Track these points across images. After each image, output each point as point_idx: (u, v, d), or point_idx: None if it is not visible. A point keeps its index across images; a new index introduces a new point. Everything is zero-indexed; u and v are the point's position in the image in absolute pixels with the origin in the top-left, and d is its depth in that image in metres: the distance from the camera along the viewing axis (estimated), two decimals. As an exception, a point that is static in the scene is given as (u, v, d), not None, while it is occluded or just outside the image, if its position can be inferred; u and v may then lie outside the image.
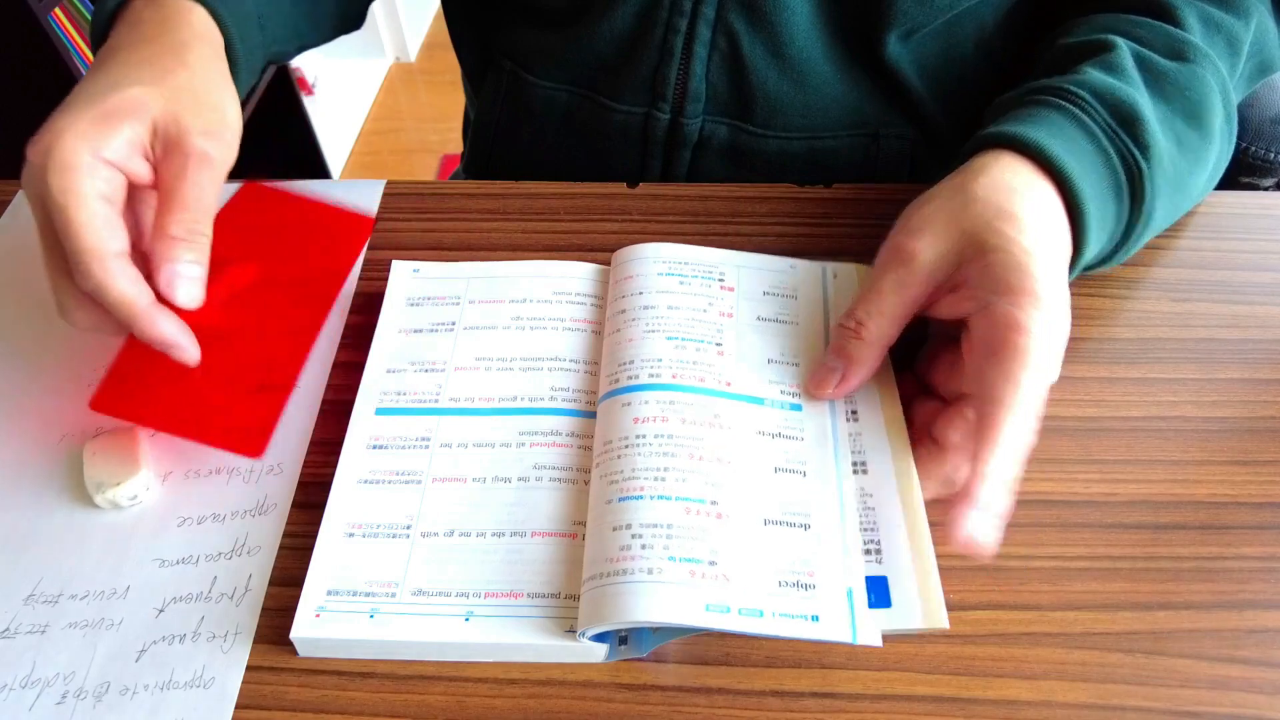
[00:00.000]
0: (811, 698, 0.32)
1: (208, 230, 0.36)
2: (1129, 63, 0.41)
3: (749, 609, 0.31)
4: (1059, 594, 0.35)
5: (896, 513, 0.34)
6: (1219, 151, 0.43)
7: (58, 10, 1.11)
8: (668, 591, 0.31)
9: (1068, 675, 0.33)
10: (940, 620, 0.31)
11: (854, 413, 0.38)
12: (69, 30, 1.14)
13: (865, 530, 0.34)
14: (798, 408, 0.38)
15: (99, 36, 0.41)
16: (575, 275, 0.44)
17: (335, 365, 0.43)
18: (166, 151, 0.35)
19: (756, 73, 0.50)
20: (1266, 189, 0.96)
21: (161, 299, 0.35)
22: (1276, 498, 0.38)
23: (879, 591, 0.32)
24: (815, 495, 0.35)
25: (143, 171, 0.36)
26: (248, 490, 0.38)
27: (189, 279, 0.35)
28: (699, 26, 0.49)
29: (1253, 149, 0.93)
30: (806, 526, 0.34)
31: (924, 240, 0.35)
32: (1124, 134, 0.38)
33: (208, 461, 0.39)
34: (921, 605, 0.32)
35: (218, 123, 0.37)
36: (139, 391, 0.38)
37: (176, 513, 0.37)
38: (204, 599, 0.35)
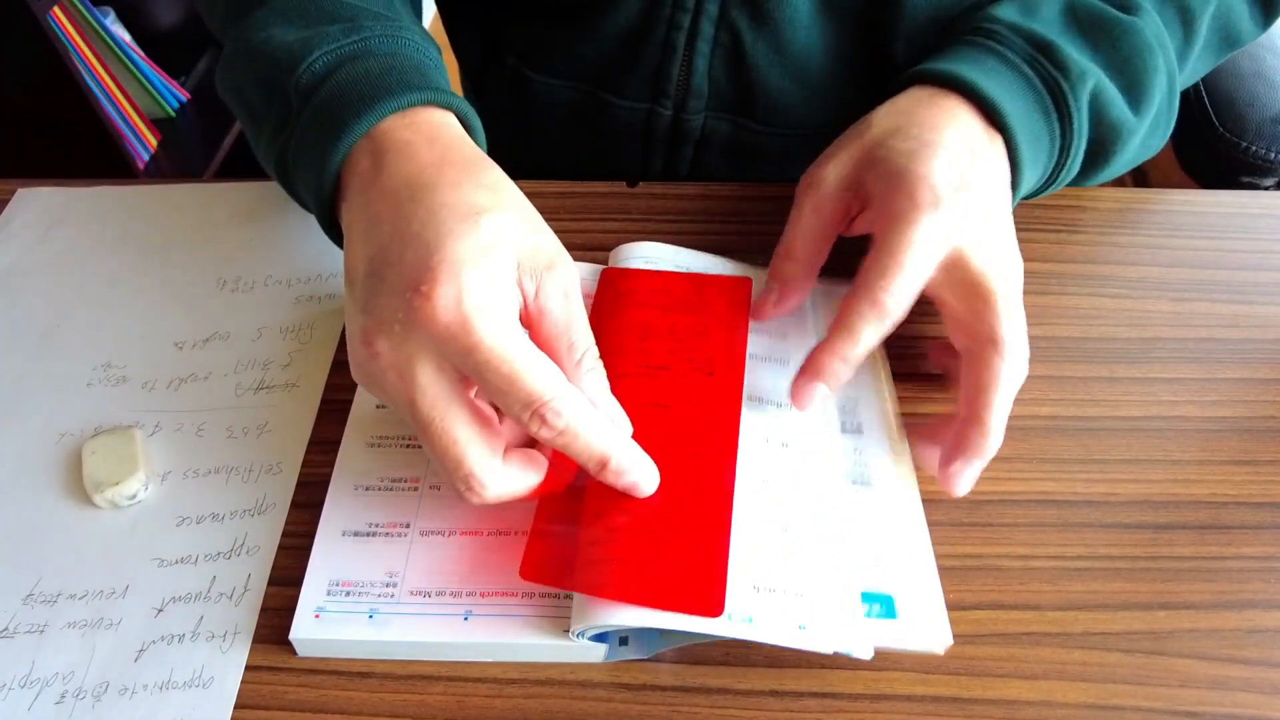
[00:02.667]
0: (811, 698, 0.32)
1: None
2: (1051, 4, 0.43)
3: (740, 615, 0.31)
4: (1059, 594, 0.35)
5: (902, 530, 0.35)
6: (1162, 103, 0.43)
7: (56, 10, 1.10)
8: None
9: (1068, 675, 0.32)
10: (943, 641, 0.32)
11: (859, 426, 0.38)
12: (67, 29, 1.14)
13: (871, 546, 0.34)
14: (784, 407, 0.37)
15: (328, 171, 0.35)
16: None
17: (334, 364, 0.42)
18: (542, 280, 0.32)
19: (759, 70, 0.50)
20: (1267, 188, 0.96)
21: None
22: (1277, 498, 0.37)
23: (885, 606, 0.32)
24: (805, 504, 0.35)
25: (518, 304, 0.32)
26: (246, 490, 0.38)
27: (608, 404, 0.33)
28: (702, 23, 0.49)
29: (1253, 148, 0.93)
30: (796, 534, 0.34)
31: (829, 165, 0.39)
32: (1041, 57, 0.40)
33: (206, 461, 0.39)
34: (927, 625, 0.32)
35: (553, 238, 0.34)
36: (566, 552, 0.33)
37: (175, 512, 0.37)
38: (203, 599, 0.35)
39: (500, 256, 0.31)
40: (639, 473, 0.32)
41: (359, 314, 0.31)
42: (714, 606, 0.31)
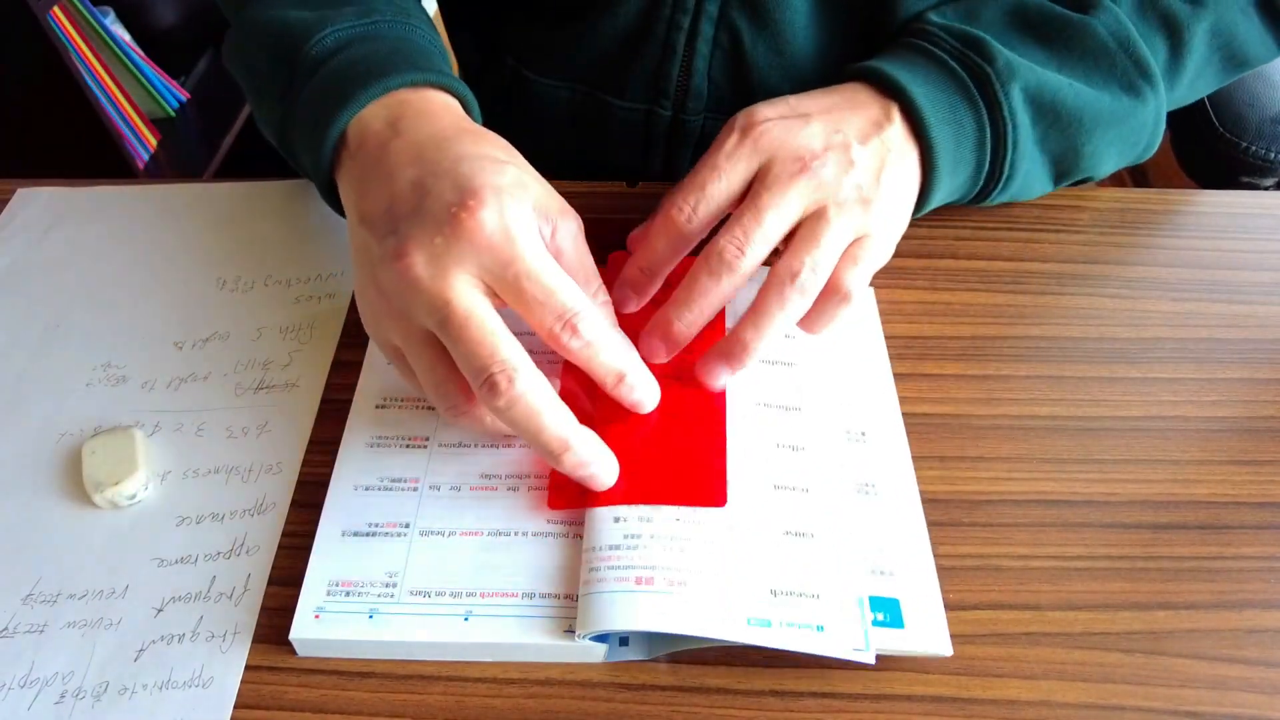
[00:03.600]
0: (811, 698, 0.32)
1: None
2: (993, 8, 0.44)
3: (757, 619, 0.31)
4: (1059, 594, 0.35)
5: (908, 536, 0.35)
6: (1130, 94, 0.43)
7: (56, 10, 1.10)
8: (668, 601, 0.31)
9: (1067, 675, 0.32)
10: (945, 647, 0.32)
11: (863, 434, 0.38)
12: (67, 29, 1.14)
13: (877, 552, 0.34)
14: (792, 410, 0.38)
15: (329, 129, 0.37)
16: None
17: (335, 364, 0.42)
18: (557, 225, 0.35)
19: (758, 71, 0.50)
20: (1266, 188, 0.96)
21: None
22: (1276, 498, 0.37)
23: (892, 613, 0.33)
24: (818, 509, 0.35)
25: None
26: (246, 490, 0.38)
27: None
28: (701, 24, 0.49)
29: (1252, 148, 0.93)
30: (809, 538, 0.34)
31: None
32: (970, 52, 0.41)
33: (206, 461, 0.39)
34: (931, 630, 0.32)
35: (561, 198, 0.36)
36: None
37: (175, 512, 0.37)
38: (203, 598, 0.35)
39: (527, 196, 0.34)
40: (646, 389, 0.35)
41: (385, 237, 0.33)
42: (718, 497, 0.34)
